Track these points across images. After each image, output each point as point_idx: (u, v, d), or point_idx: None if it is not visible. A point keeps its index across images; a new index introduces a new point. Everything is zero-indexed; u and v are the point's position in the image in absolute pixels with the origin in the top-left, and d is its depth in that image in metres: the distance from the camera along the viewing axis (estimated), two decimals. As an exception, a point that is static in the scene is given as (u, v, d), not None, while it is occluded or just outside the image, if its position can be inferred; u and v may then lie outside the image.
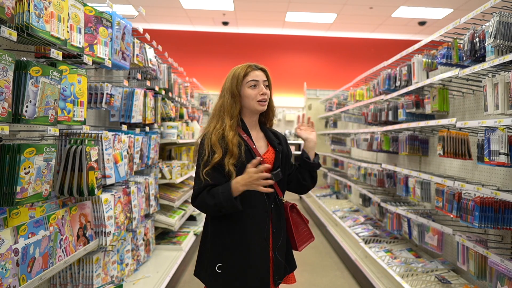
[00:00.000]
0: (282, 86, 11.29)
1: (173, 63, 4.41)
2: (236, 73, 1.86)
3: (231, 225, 1.80)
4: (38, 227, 1.93)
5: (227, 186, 1.71)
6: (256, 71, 1.87)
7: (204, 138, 1.82)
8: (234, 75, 1.86)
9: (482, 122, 2.25)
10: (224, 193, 1.69)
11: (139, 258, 3.41)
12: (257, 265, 1.79)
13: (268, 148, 1.92)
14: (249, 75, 1.85)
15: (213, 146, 1.76)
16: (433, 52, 3.35)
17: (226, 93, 1.85)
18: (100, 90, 2.55)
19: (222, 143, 1.77)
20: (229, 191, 1.69)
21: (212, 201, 1.71)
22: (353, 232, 4.73)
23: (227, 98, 1.84)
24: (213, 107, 1.92)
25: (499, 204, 2.37)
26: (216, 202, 1.70)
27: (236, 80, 1.84)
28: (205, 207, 1.74)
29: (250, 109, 1.87)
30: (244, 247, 1.78)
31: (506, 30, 2.18)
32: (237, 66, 1.90)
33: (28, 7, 1.69)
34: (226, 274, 1.78)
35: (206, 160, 1.75)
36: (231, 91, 1.84)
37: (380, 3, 8.21)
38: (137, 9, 3.17)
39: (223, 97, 1.86)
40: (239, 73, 1.85)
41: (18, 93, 1.69)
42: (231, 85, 1.84)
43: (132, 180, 3.28)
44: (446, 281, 3.10)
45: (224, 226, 1.81)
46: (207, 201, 1.72)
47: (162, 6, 8.99)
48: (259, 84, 1.86)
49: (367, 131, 5.00)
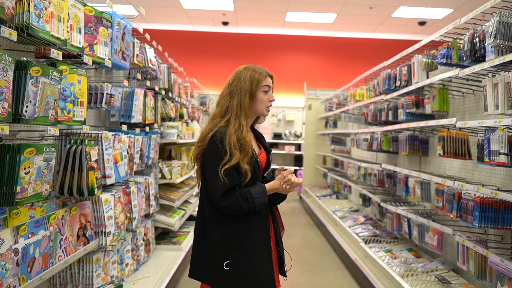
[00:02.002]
0: (282, 86, 11.28)
1: (173, 63, 4.41)
2: (255, 77, 1.91)
3: (237, 223, 1.84)
4: (38, 227, 1.92)
5: (262, 192, 1.83)
6: (268, 78, 1.96)
7: (222, 136, 1.82)
8: (252, 78, 1.91)
9: (482, 122, 2.25)
10: (260, 198, 1.81)
11: (139, 258, 3.41)
12: (263, 259, 1.85)
13: (261, 149, 2.03)
14: (264, 80, 1.93)
15: (233, 147, 1.79)
16: (433, 52, 3.35)
17: (243, 92, 1.89)
18: (100, 90, 2.55)
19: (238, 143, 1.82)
20: (265, 197, 1.83)
21: (246, 204, 1.79)
22: (353, 232, 4.73)
23: (246, 98, 1.89)
24: (221, 102, 1.93)
25: (499, 204, 2.37)
26: (251, 206, 1.79)
27: (256, 83, 1.91)
28: (238, 208, 1.79)
29: (257, 112, 1.96)
30: (252, 243, 1.84)
31: (506, 30, 2.18)
32: (249, 68, 1.95)
33: (28, 7, 1.69)
34: (235, 271, 1.81)
35: (228, 160, 1.78)
36: (251, 93, 1.90)
37: (380, 3, 8.21)
38: (137, 9, 3.17)
39: (240, 96, 1.89)
40: (259, 78, 1.92)
41: (18, 93, 1.69)
42: (251, 87, 1.90)
43: (132, 180, 3.28)
44: (446, 281, 3.10)
45: (230, 224, 1.84)
46: (242, 204, 1.78)
47: (162, 6, 8.99)
48: (270, 90, 1.97)
49: (367, 131, 5.00)
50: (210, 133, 1.85)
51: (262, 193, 1.84)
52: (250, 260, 1.83)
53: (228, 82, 1.96)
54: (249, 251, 1.83)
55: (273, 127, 11.16)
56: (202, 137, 1.89)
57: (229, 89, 1.92)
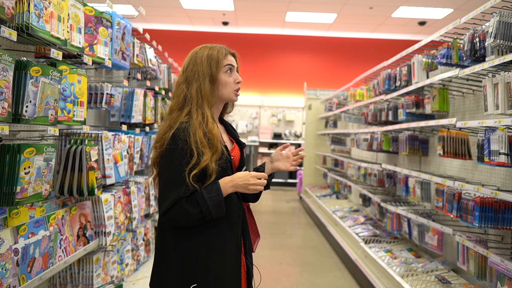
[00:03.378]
0: (282, 86, 11.30)
1: (173, 63, 4.41)
2: (213, 55, 1.59)
3: (206, 236, 1.52)
4: (38, 227, 1.93)
5: (216, 189, 1.49)
6: (230, 55, 1.65)
7: (185, 134, 1.49)
8: (210, 58, 1.59)
9: (482, 122, 2.25)
10: (213, 198, 1.46)
11: (139, 258, 3.41)
12: (233, 275, 1.57)
13: (234, 144, 1.72)
14: (225, 59, 1.62)
15: (201, 144, 1.48)
16: (433, 52, 3.35)
17: (201, 77, 1.56)
18: (100, 90, 2.55)
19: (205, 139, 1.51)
20: (220, 195, 1.48)
21: (196, 209, 1.45)
22: (353, 232, 4.73)
23: (206, 83, 1.56)
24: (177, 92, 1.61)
25: (499, 204, 2.37)
26: (203, 209, 1.45)
27: (216, 63, 1.58)
28: (185, 217, 1.46)
29: (223, 98, 1.64)
30: (222, 258, 1.54)
31: (506, 30, 2.18)
32: (205, 46, 1.64)
33: (28, 7, 1.69)
34: None
35: (196, 162, 1.46)
36: (210, 75, 1.57)
37: (380, 3, 8.21)
38: (137, 9, 3.17)
39: (198, 82, 1.56)
40: (218, 57, 1.59)
41: (18, 93, 1.70)
42: (210, 69, 1.57)
43: (132, 180, 3.28)
44: (446, 281, 3.10)
45: (197, 238, 1.52)
46: (190, 210, 1.44)
47: (162, 6, 8.99)
48: (233, 70, 1.65)
49: (367, 131, 5.00)
50: (169, 132, 1.51)
51: (216, 192, 1.48)
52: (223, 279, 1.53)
53: (182, 67, 1.64)
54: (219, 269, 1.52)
55: (273, 127, 11.17)
56: (159, 136, 1.55)
57: (185, 75, 1.60)
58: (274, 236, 5.84)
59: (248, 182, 1.53)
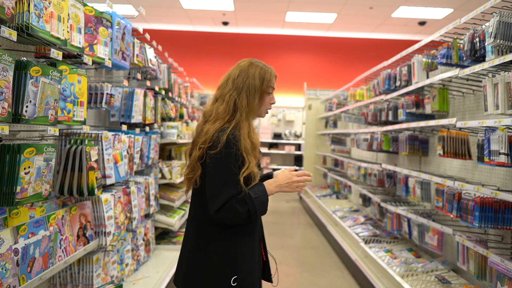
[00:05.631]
0: (282, 86, 11.28)
1: (173, 63, 4.41)
2: (266, 75, 1.75)
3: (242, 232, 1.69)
4: (38, 227, 1.93)
5: (261, 190, 1.65)
6: (274, 79, 1.81)
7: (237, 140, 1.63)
8: (263, 77, 1.74)
9: (482, 122, 2.25)
10: (259, 198, 1.62)
11: (139, 258, 3.41)
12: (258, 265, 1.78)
13: None
14: (271, 81, 1.78)
15: (248, 152, 1.64)
16: (433, 52, 3.35)
17: (253, 91, 1.70)
18: (100, 90, 2.55)
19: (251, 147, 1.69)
20: (266, 196, 1.64)
21: (244, 208, 1.59)
22: (353, 232, 4.73)
23: (256, 98, 1.72)
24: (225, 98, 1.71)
25: (499, 204, 2.37)
26: (251, 208, 1.60)
27: (267, 83, 1.75)
28: (235, 215, 1.60)
29: (258, 113, 1.79)
30: (252, 251, 1.72)
31: (506, 30, 2.18)
32: (258, 64, 1.77)
33: (28, 7, 1.69)
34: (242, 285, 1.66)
35: (247, 167, 1.62)
36: (261, 92, 1.74)
37: (380, 3, 8.21)
38: (137, 9, 3.17)
39: (248, 95, 1.70)
40: (270, 79, 1.76)
41: (18, 93, 1.69)
42: (261, 86, 1.73)
43: (132, 180, 3.28)
44: (446, 281, 3.10)
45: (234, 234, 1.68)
46: (239, 209, 1.59)
47: (162, 6, 8.99)
48: (272, 92, 1.82)
49: (367, 131, 5.00)
50: (222, 136, 1.62)
51: (262, 193, 1.64)
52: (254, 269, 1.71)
53: (230, 75, 1.75)
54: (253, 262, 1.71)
55: (273, 127, 11.16)
56: (208, 137, 1.65)
57: (234, 84, 1.71)
58: (274, 236, 5.84)
59: (291, 180, 1.70)
